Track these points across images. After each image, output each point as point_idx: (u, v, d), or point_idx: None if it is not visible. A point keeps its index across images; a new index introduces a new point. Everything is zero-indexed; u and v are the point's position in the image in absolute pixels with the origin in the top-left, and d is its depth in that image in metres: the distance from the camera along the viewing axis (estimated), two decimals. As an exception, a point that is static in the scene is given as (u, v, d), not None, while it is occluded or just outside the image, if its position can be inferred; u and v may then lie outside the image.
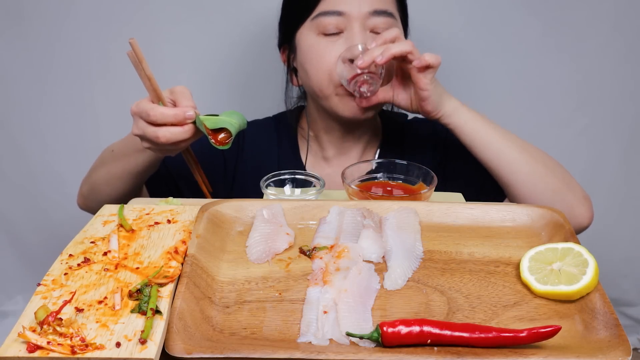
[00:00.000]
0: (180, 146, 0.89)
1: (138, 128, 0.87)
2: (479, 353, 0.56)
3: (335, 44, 1.02)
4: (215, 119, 0.88)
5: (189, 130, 0.86)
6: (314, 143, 1.19)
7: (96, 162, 1.08)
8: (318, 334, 0.59)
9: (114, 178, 1.02)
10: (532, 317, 0.63)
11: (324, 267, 0.69)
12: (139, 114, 0.86)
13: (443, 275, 0.70)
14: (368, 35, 1.02)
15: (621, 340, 0.57)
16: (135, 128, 0.88)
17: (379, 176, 0.97)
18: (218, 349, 0.56)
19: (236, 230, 0.78)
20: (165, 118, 0.84)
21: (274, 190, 0.90)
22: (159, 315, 0.58)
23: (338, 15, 1.01)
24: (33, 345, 0.53)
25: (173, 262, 0.67)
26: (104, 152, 1.06)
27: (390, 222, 0.77)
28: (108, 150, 1.05)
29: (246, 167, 1.16)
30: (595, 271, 0.65)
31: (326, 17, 1.02)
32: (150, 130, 0.85)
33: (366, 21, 1.02)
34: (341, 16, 1.01)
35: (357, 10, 1.01)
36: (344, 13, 1.01)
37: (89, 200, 1.08)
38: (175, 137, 0.85)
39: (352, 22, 1.01)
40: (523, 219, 0.79)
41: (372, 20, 1.02)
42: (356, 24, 1.01)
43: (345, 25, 1.02)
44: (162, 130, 0.85)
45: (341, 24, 1.02)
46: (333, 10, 1.02)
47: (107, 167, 1.03)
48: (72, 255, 0.68)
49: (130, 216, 0.77)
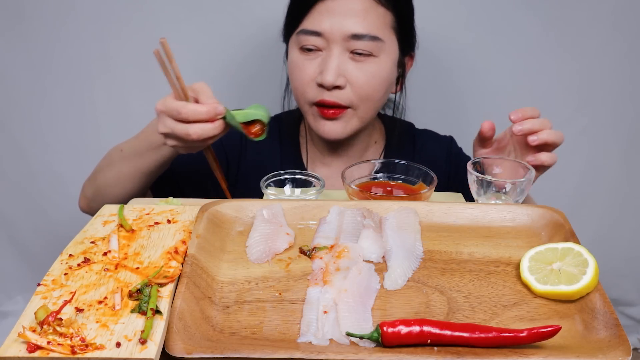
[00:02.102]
0: (207, 142, 0.88)
1: (165, 126, 0.86)
2: (479, 353, 0.56)
3: (312, 63, 1.02)
4: (246, 112, 0.89)
5: (220, 126, 0.86)
6: (312, 146, 1.19)
7: (101, 163, 1.06)
8: (318, 334, 0.59)
9: (125, 178, 1.00)
10: (532, 317, 0.63)
11: (324, 267, 0.69)
12: (168, 112, 0.85)
13: (443, 275, 0.70)
14: (346, 57, 1.01)
15: (621, 340, 0.57)
16: (162, 126, 0.86)
17: (379, 176, 0.97)
18: (218, 349, 0.56)
19: (236, 230, 0.78)
20: (197, 115, 0.84)
21: (274, 190, 0.90)
22: (159, 315, 0.58)
23: (317, 36, 1.01)
24: (33, 345, 0.53)
25: (173, 262, 0.67)
26: (112, 153, 1.05)
27: (390, 222, 0.77)
28: (116, 150, 1.03)
29: (249, 167, 1.16)
30: (595, 271, 0.65)
31: (306, 36, 1.02)
32: (180, 127, 0.84)
33: (347, 44, 1.00)
34: (320, 37, 1.01)
35: (338, 32, 0.99)
36: (323, 34, 1.00)
37: (94, 203, 1.06)
38: (207, 134, 0.85)
39: (331, 43, 1.00)
40: (523, 219, 0.79)
41: (353, 44, 1.00)
42: (335, 46, 1.00)
43: (324, 46, 1.01)
44: (194, 127, 0.84)
45: (320, 44, 1.01)
46: (312, 30, 1.01)
47: (117, 168, 1.01)
48: (72, 255, 0.68)
49: (130, 216, 0.77)
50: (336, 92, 1.02)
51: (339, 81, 1.00)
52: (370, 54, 1.01)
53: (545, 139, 0.90)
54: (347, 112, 1.04)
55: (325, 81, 0.99)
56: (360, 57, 1.01)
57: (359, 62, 1.02)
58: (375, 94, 1.04)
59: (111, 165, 1.03)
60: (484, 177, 0.86)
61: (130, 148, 1.01)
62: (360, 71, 1.01)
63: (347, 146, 1.16)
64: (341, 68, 1.00)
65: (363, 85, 1.02)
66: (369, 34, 1.00)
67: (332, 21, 0.99)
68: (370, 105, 1.06)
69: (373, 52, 1.01)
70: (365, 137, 1.17)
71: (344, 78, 1.01)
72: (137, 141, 1.00)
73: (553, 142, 0.91)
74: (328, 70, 0.99)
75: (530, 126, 0.90)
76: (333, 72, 0.99)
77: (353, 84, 1.02)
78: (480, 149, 1.00)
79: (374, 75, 1.02)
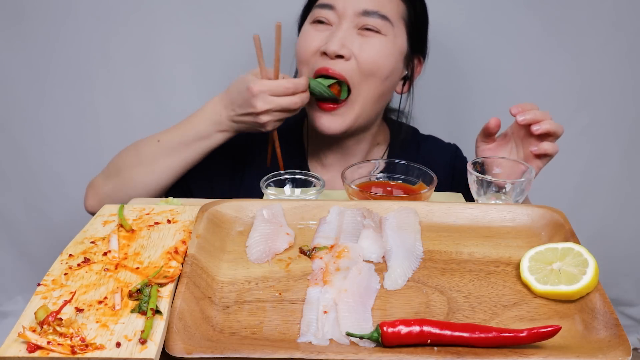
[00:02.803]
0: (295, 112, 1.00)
1: (267, 102, 0.96)
2: (479, 353, 0.56)
3: (321, 34, 1.04)
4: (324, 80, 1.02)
5: (308, 94, 1.00)
6: (314, 149, 1.19)
7: (125, 158, 1.06)
8: (318, 334, 0.59)
9: (164, 171, 1.03)
10: (532, 317, 0.63)
11: (324, 267, 0.69)
12: (270, 91, 0.96)
13: (443, 275, 0.70)
14: (354, 32, 1.03)
15: (621, 340, 0.57)
16: (263, 103, 0.96)
17: (379, 176, 0.97)
18: (218, 349, 0.56)
19: (236, 230, 0.78)
20: (299, 87, 0.98)
21: (274, 190, 0.90)
22: (159, 315, 0.58)
23: (330, 9, 1.04)
24: (33, 345, 0.53)
25: (173, 262, 0.67)
26: (140, 147, 1.05)
27: (390, 222, 0.77)
28: (149, 144, 1.04)
29: (253, 166, 1.16)
30: (595, 271, 0.65)
31: (320, 9, 1.06)
32: (287, 100, 0.97)
33: (357, 19, 1.03)
34: (332, 10, 1.04)
35: (350, 7, 1.03)
36: (335, 7, 1.04)
37: (113, 200, 1.05)
38: (305, 101, 0.99)
39: (342, 17, 1.03)
40: (523, 219, 0.79)
41: (363, 20, 1.03)
42: (345, 20, 1.03)
43: (335, 21, 1.04)
44: (296, 97, 0.97)
45: (332, 18, 1.04)
46: (326, 4, 1.05)
47: (152, 161, 1.03)
48: (72, 255, 0.68)
49: (130, 216, 0.77)
50: (340, 62, 1.02)
51: (343, 51, 1.01)
52: (379, 31, 1.03)
53: (548, 128, 0.93)
54: (345, 105, 1.04)
55: (329, 49, 1.01)
56: (367, 32, 1.03)
57: (366, 37, 1.03)
58: (378, 71, 1.04)
59: (144, 159, 1.04)
60: (484, 177, 0.86)
61: (172, 140, 1.03)
62: (366, 44, 1.03)
63: (350, 148, 1.15)
64: (347, 40, 1.02)
65: (367, 58, 1.02)
66: (379, 12, 1.03)
67: None
68: (373, 83, 1.04)
69: (381, 31, 1.03)
70: (369, 137, 1.17)
71: (349, 50, 1.02)
72: (181, 132, 1.03)
73: (555, 131, 0.95)
74: (333, 39, 1.01)
75: (532, 116, 0.94)
76: (338, 41, 1.01)
77: (357, 56, 1.02)
78: (483, 144, 1.02)
79: (378, 51, 1.03)
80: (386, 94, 1.11)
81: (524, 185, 0.85)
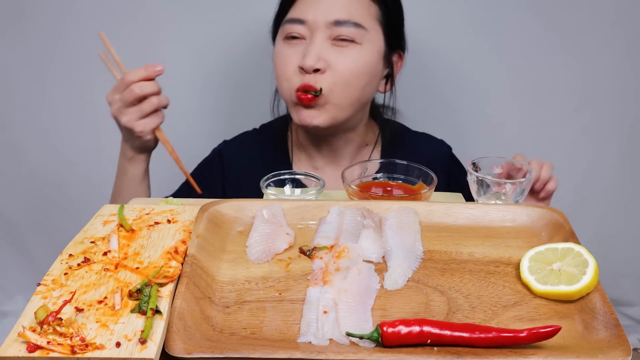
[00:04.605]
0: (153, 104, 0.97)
1: (115, 103, 0.98)
2: (479, 353, 0.56)
3: (296, 50, 1.03)
4: None
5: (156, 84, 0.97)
6: (303, 152, 1.18)
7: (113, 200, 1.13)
8: (318, 334, 0.59)
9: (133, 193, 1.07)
10: (532, 317, 0.63)
11: (324, 267, 0.69)
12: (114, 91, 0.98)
13: (443, 275, 0.70)
14: (328, 44, 1.02)
15: (621, 340, 0.57)
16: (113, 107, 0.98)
17: (379, 176, 0.97)
18: (218, 349, 0.56)
19: (236, 230, 0.78)
20: (138, 74, 0.95)
21: (274, 190, 0.90)
22: (159, 315, 0.58)
23: (300, 24, 1.03)
24: (33, 345, 0.53)
25: (173, 262, 0.67)
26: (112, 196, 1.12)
27: (390, 222, 0.77)
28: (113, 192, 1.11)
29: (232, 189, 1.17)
30: (595, 271, 0.65)
31: (291, 24, 1.04)
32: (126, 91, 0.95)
33: (329, 30, 1.01)
34: (303, 25, 1.02)
35: (321, 19, 1.01)
36: (306, 22, 1.02)
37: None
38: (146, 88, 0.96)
39: (314, 30, 1.02)
40: (523, 219, 0.79)
41: (336, 30, 1.01)
42: (318, 33, 1.01)
43: (308, 34, 1.03)
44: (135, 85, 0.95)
45: (304, 32, 1.03)
46: (296, 18, 1.03)
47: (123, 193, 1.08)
48: (72, 255, 0.68)
49: (130, 216, 0.77)
50: (317, 76, 1.01)
51: (319, 64, 1.00)
52: (353, 40, 1.02)
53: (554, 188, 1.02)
54: (321, 98, 1.03)
55: (306, 64, 1.00)
56: (342, 43, 1.02)
57: (341, 48, 1.02)
58: (356, 80, 1.03)
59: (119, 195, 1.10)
60: (484, 177, 0.86)
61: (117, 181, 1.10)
62: (341, 55, 1.02)
63: (339, 149, 1.15)
64: (322, 53, 1.01)
65: (343, 69, 1.02)
66: (351, 20, 1.01)
67: (316, 9, 1.01)
68: (349, 92, 1.04)
69: (356, 39, 1.02)
70: (357, 138, 1.16)
71: (325, 62, 1.01)
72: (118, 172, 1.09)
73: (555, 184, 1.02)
74: (309, 54, 1.00)
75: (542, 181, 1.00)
76: (314, 56, 1.00)
77: (333, 68, 1.01)
78: None
79: (355, 60, 1.02)
80: (368, 97, 1.10)
81: (524, 185, 0.85)
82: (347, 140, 1.15)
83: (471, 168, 0.88)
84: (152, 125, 0.99)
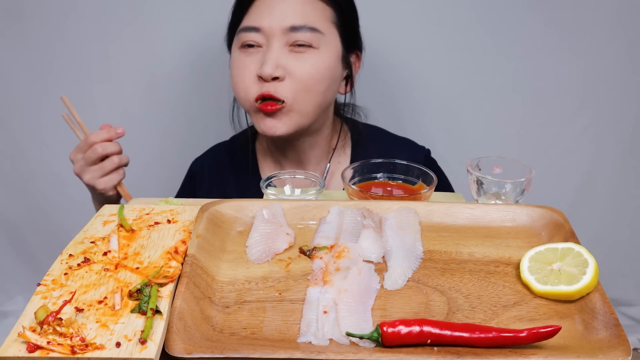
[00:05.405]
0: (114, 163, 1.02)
1: (78, 161, 1.03)
2: (479, 353, 0.56)
3: (253, 59, 1.02)
4: None
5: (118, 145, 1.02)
6: (269, 158, 1.18)
7: None
8: (318, 334, 0.59)
9: None
10: (532, 317, 0.63)
11: (324, 267, 0.69)
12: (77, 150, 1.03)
13: (443, 275, 0.70)
14: (286, 51, 1.01)
15: (621, 340, 0.57)
16: (76, 166, 1.03)
17: (379, 176, 0.97)
18: (218, 349, 0.56)
19: (236, 230, 0.78)
20: (100, 135, 1.01)
21: (274, 190, 0.90)
22: (159, 315, 0.58)
23: (256, 32, 1.01)
24: (33, 345, 0.53)
25: (173, 262, 0.67)
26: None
27: (390, 222, 0.77)
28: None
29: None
30: (595, 271, 0.65)
31: (246, 33, 1.03)
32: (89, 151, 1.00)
33: (286, 37, 1.00)
34: (259, 32, 1.01)
35: (277, 26, 1.00)
36: (261, 29, 1.01)
37: None
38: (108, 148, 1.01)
39: (270, 39, 1.01)
40: (523, 219, 0.79)
41: (293, 36, 1.00)
42: (274, 40, 1.00)
43: (264, 42, 1.02)
44: (97, 145, 1.00)
45: (260, 40, 1.02)
46: (251, 26, 1.02)
47: None
48: (72, 255, 0.68)
49: (130, 216, 0.77)
50: (276, 84, 1.00)
51: (278, 72, 0.99)
52: (310, 45, 1.01)
53: None
54: (285, 107, 1.02)
55: (264, 72, 0.99)
56: (299, 49, 1.01)
57: (299, 54, 1.01)
58: (316, 85, 1.02)
59: None
60: (484, 177, 0.86)
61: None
62: (300, 61, 1.01)
63: (304, 153, 1.14)
64: (280, 60, 1.00)
65: (302, 75, 1.01)
66: (306, 25, 1.00)
67: (271, 16, 1.00)
68: (311, 98, 1.03)
69: (313, 44, 1.01)
70: (323, 142, 1.15)
71: (284, 69, 1.00)
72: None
73: None
74: (266, 62, 0.99)
75: None
76: (272, 64, 0.99)
77: (292, 75, 1.00)
78: None
79: (313, 66, 1.01)
80: (329, 101, 1.09)
81: (524, 185, 0.85)
82: (312, 144, 1.14)
83: (471, 168, 0.88)
84: (113, 183, 1.03)
